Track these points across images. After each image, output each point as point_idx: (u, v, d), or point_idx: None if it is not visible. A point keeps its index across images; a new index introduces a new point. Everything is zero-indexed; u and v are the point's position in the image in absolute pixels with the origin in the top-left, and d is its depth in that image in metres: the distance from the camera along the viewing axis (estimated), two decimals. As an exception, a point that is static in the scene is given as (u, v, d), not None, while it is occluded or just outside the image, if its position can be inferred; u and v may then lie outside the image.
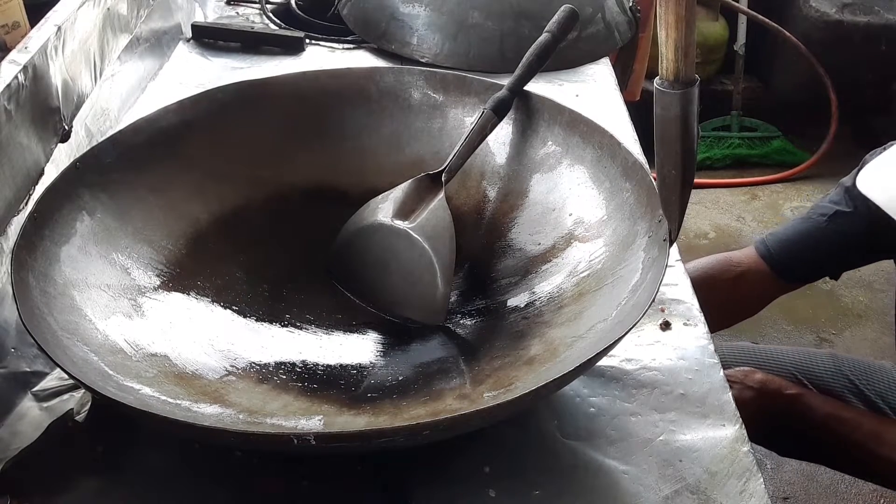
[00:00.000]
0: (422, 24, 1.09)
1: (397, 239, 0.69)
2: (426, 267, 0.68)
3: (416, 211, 0.71)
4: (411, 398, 0.61)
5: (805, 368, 1.08)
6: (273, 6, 1.23)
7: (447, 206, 0.71)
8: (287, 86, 0.80)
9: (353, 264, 0.72)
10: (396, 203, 0.71)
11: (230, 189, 0.75)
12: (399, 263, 0.69)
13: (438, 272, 0.67)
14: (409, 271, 0.69)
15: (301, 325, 0.69)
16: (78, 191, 0.66)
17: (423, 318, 0.68)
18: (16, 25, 0.82)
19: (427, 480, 0.57)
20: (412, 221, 0.70)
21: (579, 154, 0.74)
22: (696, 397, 0.64)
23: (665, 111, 0.57)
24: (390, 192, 0.72)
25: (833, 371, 1.08)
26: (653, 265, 0.61)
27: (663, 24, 0.55)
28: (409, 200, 0.71)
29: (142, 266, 0.67)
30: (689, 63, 0.56)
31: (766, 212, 2.27)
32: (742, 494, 0.56)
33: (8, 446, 0.57)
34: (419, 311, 0.69)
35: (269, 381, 0.62)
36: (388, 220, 0.70)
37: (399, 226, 0.70)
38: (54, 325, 0.56)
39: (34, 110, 0.71)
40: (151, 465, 0.58)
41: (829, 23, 2.41)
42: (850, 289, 1.99)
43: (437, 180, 0.72)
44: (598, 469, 0.58)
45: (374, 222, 0.71)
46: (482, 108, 0.75)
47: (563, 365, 0.56)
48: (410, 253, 0.69)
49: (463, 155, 0.73)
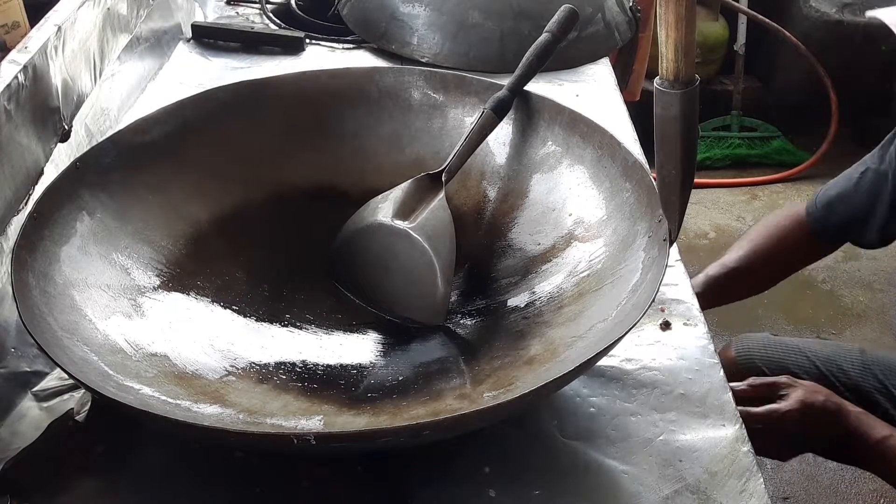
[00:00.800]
0: (422, 24, 1.09)
1: (397, 238, 0.69)
2: (426, 267, 0.68)
3: (416, 211, 0.71)
4: (411, 398, 0.61)
5: (833, 363, 1.04)
6: (273, 6, 1.23)
7: (447, 205, 0.71)
8: (287, 86, 0.80)
9: (353, 264, 0.72)
10: (396, 203, 0.71)
11: (230, 189, 0.75)
12: (399, 263, 0.69)
13: (438, 272, 0.67)
14: (408, 271, 0.69)
15: (301, 325, 0.69)
16: (78, 191, 0.66)
17: (423, 319, 0.68)
18: (16, 25, 0.82)
19: (427, 480, 0.57)
20: (412, 221, 0.70)
21: (579, 154, 0.74)
22: (696, 397, 0.64)
23: (665, 111, 0.57)
24: (390, 191, 0.72)
25: (861, 368, 1.04)
26: (653, 265, 0.61)
27: (663, 23, 0.55)
28: (410, 200, 0.71)
29: (142, 266, 0.67)
30: (689, 63, 0.56)
31: (765, 212, 2.26)
32: (742, 494, 0.56)
33: (8, 446, 0.57)
34: (419, 311, 0.69)
35: (269, 381, 0.62)
36: (388, 220, 0.70)
37: (399, 226, 0.70)
38: (54, 325, 0.56)
39: (34, 110, 0.71)
40: (151, 465, 0.58)
41: (829, 23, 2.41)
42: (850, 289, 1.99)
43: (438, 180, 0.72)
44: (598, 469, 0.58)
45: (374, 222, 0.71)
46: (482, 107, 0.75)
47: (563, 365, 0.56)
48: (410, 253, 0.69)
49: (463, 155, 0.73)
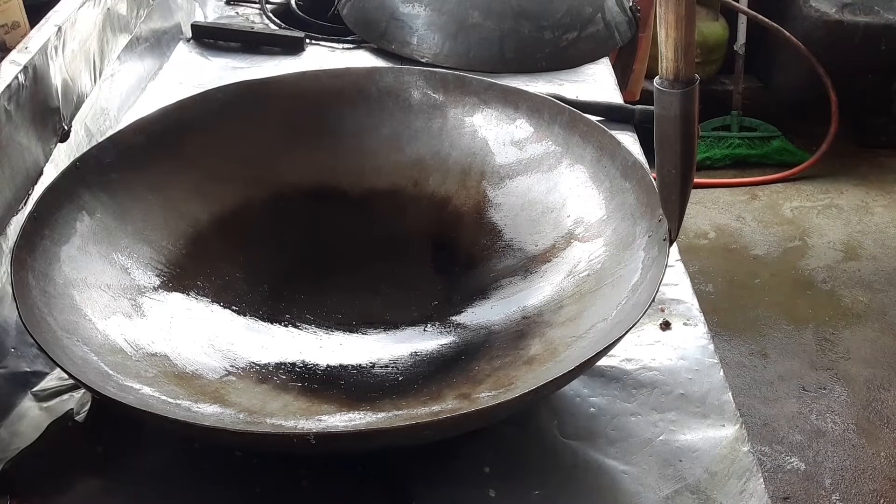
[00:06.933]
0: (422, 24, 1.09)
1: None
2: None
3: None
4: (411, 398, 0.61)
5: None
6: (273, 6, 1.23)
7: None
8: (287, 86, 0.80)
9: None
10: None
11: (230, 189, 0.75)
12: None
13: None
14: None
15: (301, 325, 0.69)
16: (78, 191, 0.66)
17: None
18: (16, 25, 0.82)
19: (427, 480, 0.57)
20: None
21: (579, 154, 0.74)
22: (696, 397, 0.63)
23: (665, 111, 0.57)
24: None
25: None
26: (653, 265, 0.61)
27: (663, 23, 0.55)
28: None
29: (142, 266, 0.66)
30: (689, 63, 0.56)
31: (766, 212, 2.27)
32: (742, 494, 0.56)
33: (8, 446, 0.57)
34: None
35: (269, 381, 0.62)
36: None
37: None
38: (54, 325, 0.56)
39: (34, 110, 0.71)
40: (151, 465, 0.58)
41: (829, 23, 2.41)
42: (850, 289, 1.99)
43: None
44: (598, 469, 0.58)
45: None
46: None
47: (563, 365, 0.56)
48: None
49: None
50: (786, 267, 2.06)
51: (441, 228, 0.76)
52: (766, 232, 2.18)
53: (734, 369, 1.75)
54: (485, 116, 0.79)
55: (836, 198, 2.32)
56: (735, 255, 2.10)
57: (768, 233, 2.18)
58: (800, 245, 2.14)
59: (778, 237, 2.16)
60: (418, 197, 0.77)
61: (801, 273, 2.04)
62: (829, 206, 2.29)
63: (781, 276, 2.03)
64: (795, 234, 2.17)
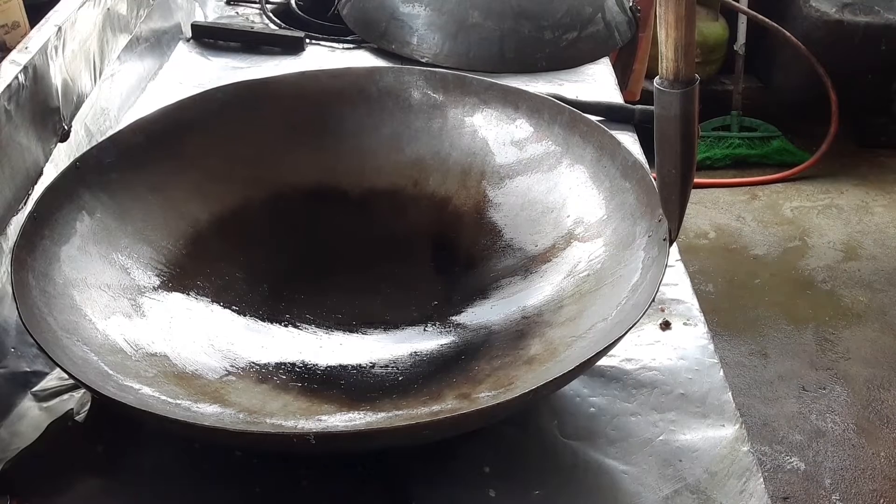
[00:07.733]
0: (422, 24, 1.09)
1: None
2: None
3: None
4: (411, 398, 0.61)
5: None
6: (273, 6, 1.23)
7: None
8: (287, 86, 0.80)
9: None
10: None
11: (230, 189, 0.75)
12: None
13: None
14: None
15: (301, 325, 0.69)
16: (78, 191, 0.66)
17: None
18: (16, 25, 0.82)
19: (427, 480, 0.57)
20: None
21: (579, 154, 0.74)
22: (696, 397, 0.63)
23: (665, 111, 0.57)
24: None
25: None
26: (653, 265, 0.61)
27: (663, 23, 0.55)
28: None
29: (142, 266, 0.66)
30: (689, 63, 0.56)
31: (766, 212, 2.27)
32: (742, 494, 0.56)
33: (8, 446, 0.57)
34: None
35: (268, 381, 0.62)
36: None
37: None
38: (54, 325, 0.56)
39: (34, 110, 0.71)
40: (151, 465, 0.58)
41: (829, 23, 2.41)
42: (850, 289, 1.99)
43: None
44: (598, 469, 0.58)
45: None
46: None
47: (563, 365, 0.56)
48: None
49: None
50: (786, 267, 2.06)
51: (441, 228, 0.76)
52: (766, 232, 2.18)
53: (734, 369, 1.75)
54: (485, 116, 0.79)
55: (836, 198, 2.32)
56: (735, 255, 2.10)
57: (768, 233, 2.18)
58: (800, 245, 2.14)
59: (778, 237, 2.16)
60: (418, 197, 0.77)
61: (801, 273, 2.04)
62: (829, 206, 2.29)
63: (781, 276, 2.03)
64: (795, 234, 2.17)
